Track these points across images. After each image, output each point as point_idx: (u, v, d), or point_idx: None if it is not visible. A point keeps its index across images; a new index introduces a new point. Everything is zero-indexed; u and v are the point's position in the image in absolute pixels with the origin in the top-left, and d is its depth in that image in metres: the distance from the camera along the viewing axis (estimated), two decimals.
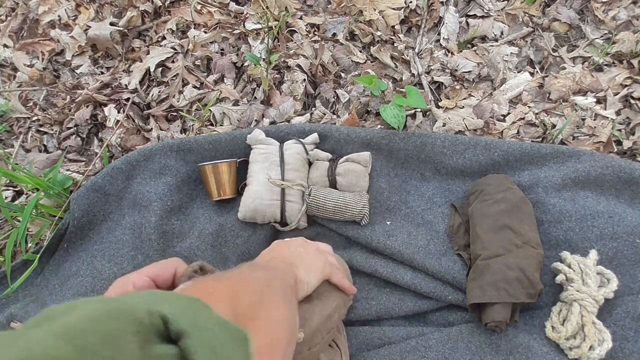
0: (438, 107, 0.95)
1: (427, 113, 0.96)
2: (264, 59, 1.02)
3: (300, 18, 1.06)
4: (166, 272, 0.46)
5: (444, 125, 0.93)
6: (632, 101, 0.91)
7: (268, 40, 1.02)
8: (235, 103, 1.02)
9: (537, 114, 0.92)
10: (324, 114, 0.98)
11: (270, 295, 0.42)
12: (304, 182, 0.87)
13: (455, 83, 0.98)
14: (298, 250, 0.61)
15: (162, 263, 0.46)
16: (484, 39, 1.01)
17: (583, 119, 0.91)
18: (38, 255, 0.88)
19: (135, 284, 0.43)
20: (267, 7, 1.05)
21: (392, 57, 1.01)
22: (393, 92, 0.97)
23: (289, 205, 0.83)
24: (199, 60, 1.06)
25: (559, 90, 0.93)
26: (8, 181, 1.00)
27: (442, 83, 0.98)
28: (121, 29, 1.09)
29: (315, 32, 1.05)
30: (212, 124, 1.01)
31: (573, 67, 0.95)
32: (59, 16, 1.13)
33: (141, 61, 1.07)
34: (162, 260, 0.48)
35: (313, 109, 1.00)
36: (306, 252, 0.61)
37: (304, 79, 1.00)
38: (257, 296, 0.39)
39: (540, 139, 0.91)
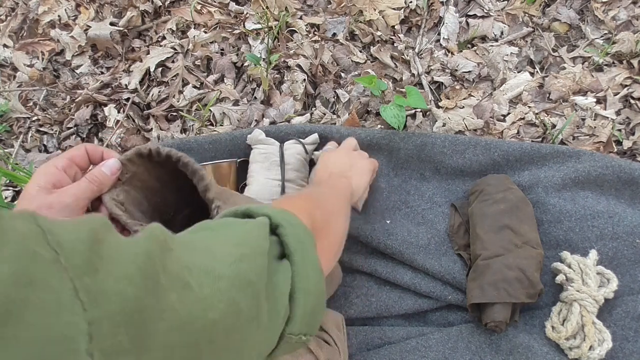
0: (438, 107, 0.95)
1: (427, 113, 0.96)
2: (264, 59, 1.02)
3: (300, 18, 1.06)
4: (79, 151, 0.50)
5: (444, 125, 0.93)
6: (632, 101, 0.91)
7: (268, 40, 1.02)
8: (235, 103, 1.02)
9: (537, 114, 0.92)
10: (324, 114, 0.98)
11: (334, 210, 0.55)
12: (305, 182, 0.87)
13: (455, 83, 0.98)
14: (349, 162, 0.74)
15: (74, 147, 0.51)
16: (484, 39, 1.01)
17: (583, 119, 0.91)
18: None
19: (56, 164, 0.47)
20: (267, 7, 1.05)
21: (392, 57, 1.01)
22: (393, 92, 0.97)
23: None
24: (199, 60, 1.06)
25: (559, 90, 0.93)
26: (8, 181, 1.00)
27: (442, 83, 0.98)
28: (121, 29, 1.09)
29: (315, 32, 1.05)
30: (212, 124, 1.01)
31: (573, 67, 0.95)
32: (59, 16, 1.13)
33: (141, 61, 1.07)
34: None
35: (313, 109, 1.00)
36: (354, 163, 0.74)
37: (304, 79, 1.00)
38: (326, 210, 0.51)
39: (540, 139, 0.91)
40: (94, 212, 0.49)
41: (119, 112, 1.04)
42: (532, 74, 0.96)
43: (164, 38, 1.10)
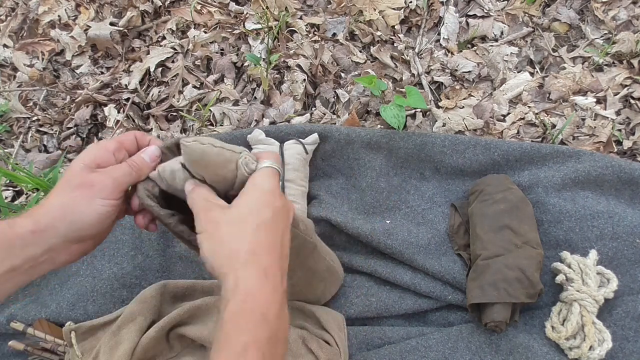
0: (438, 107, 0.95)
1: (427, 113, 0.96)
2: (264, 59, 1.02)
3: (300, 18, 1.06)
4: (129, 136, 0.51)
5: (444, 125, 0.93)
6: (632, 101, 0.91)
7: (268, 40, 1.02)
8: (235, 103, 1.02)
9: (537, 114, 0.92)
10: (324, 114, 0.98)
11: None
12: (305, 182, 0.87)
13: (455, 83, 0.98)
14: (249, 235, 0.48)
15: (124, 133, 0.52)
16: (484, 39, 1.01)
17: (583, 119, 0.91)
18: None
19: (106, 145, 0.48)
20: (267, 7, 1.05)
21: (392, 57, 1.01)
22: (393, 92, 0.97)
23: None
24: (199, 60, 1.06)
25: (559, 90, 0.93)
26: (8, 181, 1.00)
27: (442, 83, 0.98)
28: (121, 29, 1.09)
29: (315, 32, 1.05)
30: (212, 124, 1.01)
31: (573, 67, 0.95)
32: (59, 16, 1.13)
33: (141, 61, 1.07)
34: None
35: (313, 109, 1.00)
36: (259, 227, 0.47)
37: (304, 79, 1.00)
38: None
39: (540, 139, 0.91)
40: (133, 196, 0.50)
41: (119, 112, 1.04)
42: (532, 74, 0.96)
43: (164, 38, 1.10)
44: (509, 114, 0.93)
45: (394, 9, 1.02)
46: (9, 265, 0.41)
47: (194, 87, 1.04)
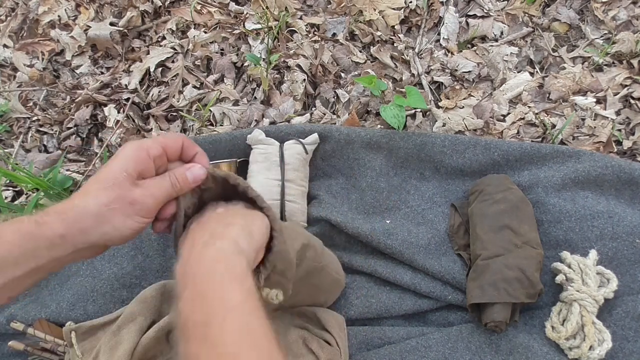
0: (438, 107, 0.95)
1: (427, 113, 0.96)
2: (264, 59, 1.02)
3: (300, 18, 1.06)
4: (175, 143, 0.47)
5: (444, 125, 0.93)
6: (632, 101, 0.91)
7: (268, 40, 1.02)
8: (235, 103, 1.02)
9: (537, 114, 0.92)
10: (324, 114, 0.98)
11: None
12: (304, 183, 0.87)
13: (455, 83, 0.98)
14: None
15: (170, 134, 0.48)
16: (484, 39, 1.01)
17: (583, 119, 0.91)
18: None
19: (149, 151, 0.44)
20: (267, 7, 1.05)
21: (392, 57, 1.01)
22: (393, 92, 0.97)
23: (289, 205, 0.83)
24: (199, 60, 1.06)
25: (559, 90, 0.93)
26: (8, 181, 1.00)
27: (442, 83, 0.98)
28: (121, 29, 1.09)
29: (315, 32, 1.05)
30: (212, 124, 1.01)
31: (573, 67, 0.95)
32: (59, 16, 1.13)
33: (141, 61, 1.07)
34: (169, 133, 0.51)
35: (313, 109, 1.00)
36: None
37: (304, 79, 1.00)
38: None
39: (540, 139, 0.91)
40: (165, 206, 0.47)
41: (119, 112, 1.04)
42: (532, 74, 0.96)
43: (164, 38, 1.10)
44: (509, 114, 0.93)
45: (394, 9, 1.02)
46: (34, 265, 0.40)
47: (194, 87, 1.04)
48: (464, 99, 0.95)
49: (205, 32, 1.08)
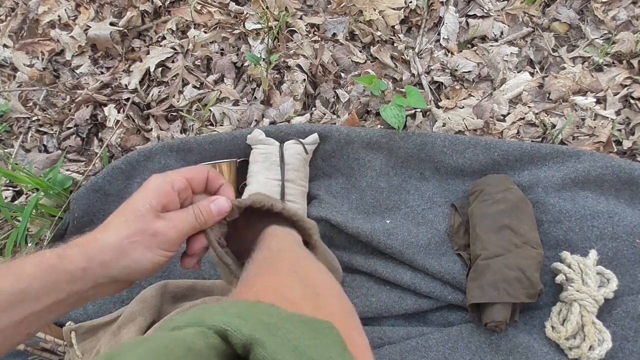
0: (438, 107, 0.95)
1: (427, 113, 0.96)
2: (264, 59, 1.02)
3: (300, 18, 1.06)
4: (200, 175, 0.47)
5: (444, 125, 0.93)
6: (632, 101, 0.91)
7: (268, 40, 1.02)
8: (235, 103, 1.02)
9: (537, 114, 0.92)
10: (324, 114, 0.98)
11: (307, 267, 0.42)
12: (304, 183, 0.87)
13: (455, 83, 0.98)
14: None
15: (195, 167, 0.47)
16: (484, 39, 1.01)
17: (583, 119, 0.91)
18: None
19: (174, 184, 0.44)
20: (267, 7, 1.05)
21: (392, 57, 1.01)
22: (393, 92, 0.97)
23: (289, 205, 0.83)
24: (199, 60, 1.06)
25: (559, 90, 0.93)
26: (8, 181, 1.00)
27: (442, 83, 0.98)
28: (121, 29, 1.09)
29: (315, 32, 1.05)
30: (212, 124, 1.01)
31: (573, 67, 0.95)
32: (58, 16, 1.13)
33: (141, 61, 1.07)
34: (194, 166, 0.52)
35: (313, 109, 1.00)
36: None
37: (304, 79, 1.00)
38: (299, 274, 0.39)
39: (540, 139, 0.91)
40: (193, 240, 0.47)
41: (119, 112, 1.04)
42: (532, 74, 0.96)
43: (164, 38, 1.10)
44: (509, 114, 0.93)
45: (394, 9, 1.02)
46: (54, 299, 0.39)
47: (194, 87, 1.04)
48: (464, 99, 0.95)
49: (205, 32, 1.08)
